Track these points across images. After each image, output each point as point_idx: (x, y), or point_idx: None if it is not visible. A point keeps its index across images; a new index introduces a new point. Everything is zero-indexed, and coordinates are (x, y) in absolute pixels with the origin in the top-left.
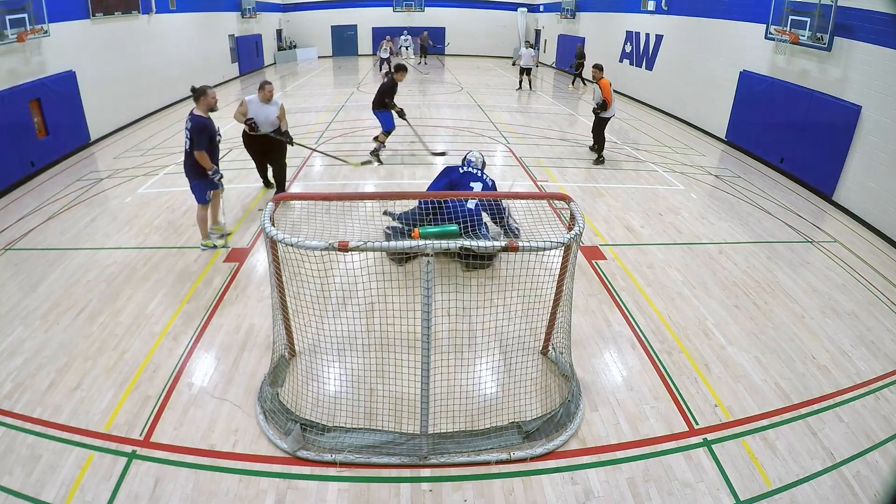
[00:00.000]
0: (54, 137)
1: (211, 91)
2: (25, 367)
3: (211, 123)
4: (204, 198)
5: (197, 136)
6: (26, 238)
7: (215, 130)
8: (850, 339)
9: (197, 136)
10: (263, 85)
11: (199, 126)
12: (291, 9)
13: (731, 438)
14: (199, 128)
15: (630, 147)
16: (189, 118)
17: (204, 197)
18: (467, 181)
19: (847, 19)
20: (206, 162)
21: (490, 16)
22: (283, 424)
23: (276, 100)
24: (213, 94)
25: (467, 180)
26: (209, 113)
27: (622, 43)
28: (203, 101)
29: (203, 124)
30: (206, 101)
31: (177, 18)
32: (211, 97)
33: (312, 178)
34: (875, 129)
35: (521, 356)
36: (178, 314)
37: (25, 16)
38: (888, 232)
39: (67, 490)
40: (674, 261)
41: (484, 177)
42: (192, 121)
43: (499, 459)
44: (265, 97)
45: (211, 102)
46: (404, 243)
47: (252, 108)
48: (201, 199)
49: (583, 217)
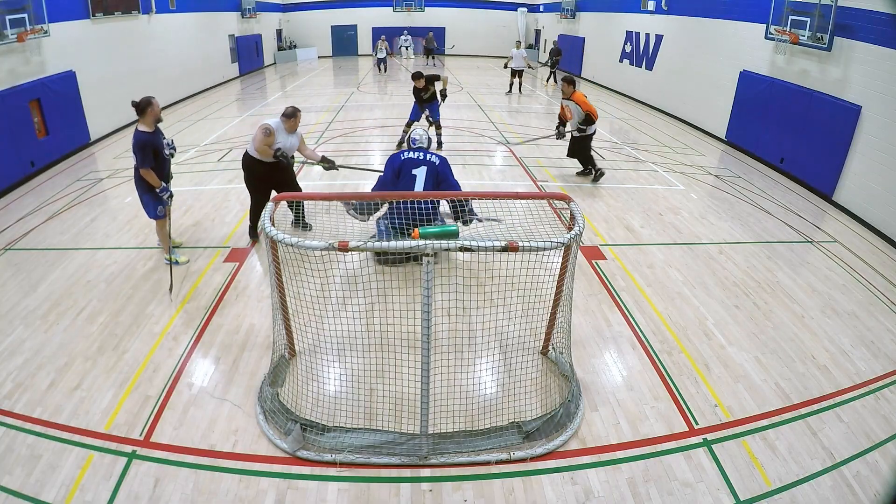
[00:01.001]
0: (54, 137)
1: (155, 101)
2: (25, 367)
3: (154, 138)
4: (155, 213)
5: (140, 154)
6: (26, 238)
7: (161, 144)
8: (850, 339)
9: (140, 153)
10: (295, 112)
11: (140, 142)
12: (291, 9)
13: (731, 438)
14: (142, 144)
15: (630, 147)
16: (134, 134)
17: (155, 213)
18: (409, 169)
19: (847, 19)
20: (153, 179)
21: (490, 16)
22: (283, 424)
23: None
24: (158, 105)
25: (409, 168)
26: (155, 126)
27: (622, 43)
28: (148, 114)
29: (145, 140)
30: (153, 113)
31: (177, 18)
32: (157, 108)
33: (313, 178)
34: (875, 129)
35: (521, 356)
36: (178, 314)
37: (25, 16)
38: (888, 232)
39: (67, 490)
40: (674, 261)
41: (427, 157)
42: (135, 137)
43: (499, 459)
44: (292, 127)
45: (156, 114)
46: (404, 243)
47: (279, 137)
48: (152, 215)
49: (583, 217)
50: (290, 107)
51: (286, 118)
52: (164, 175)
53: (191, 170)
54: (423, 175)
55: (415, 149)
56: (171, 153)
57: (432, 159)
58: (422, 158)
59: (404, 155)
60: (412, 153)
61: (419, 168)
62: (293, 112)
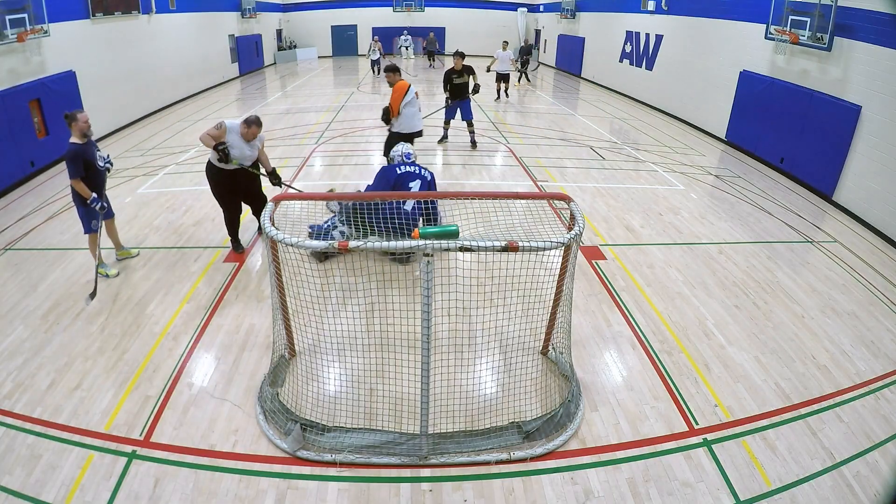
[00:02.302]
0: (54, 137)
1: (82, 115)
2: (25, 367)
3: (85, 149)
4: (89, 227)
5: (71, 165)
6: (26, 238)
7: (93, 156)
8: (850, 339)
9: (71, 164)
10: (256, 121)
11: (71, 154)
12: (291, 9)
13: (731, 438)
14: (72, 155)
15: (630, 147)
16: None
17: (89, 226)
18: (406, 182)
19: (847, 19)
20: (83, 190)
21: (490, 16)
22: (283, 424)
23: (256, 140)
24: (84, 118)
25: (406, 181)
26: (85, 138)
27: (622, 43)
28: (75, 127)
29: (75, 151)
30: (78, 125)
31: (177, 18)
32: (82, 121)
33: (313, 178)
34: (875, 129)
35: (521, 356)
36: (178, 314)
37: (25, 16)
38: (888, 232)
39: (67, 490)
40: (674, 261)
41: (421, 172)
42: (67, 148)
43: (499, 459)
44: (249, 135)
45: (83, 127)
46: (404, 243)
47: (231, 137)
48: (87, 229)
49: (583, 217)
50: (254, 115)
51: (245, 124)
52: (98, 188)
53: (191, 170)
54: (417, 189)
55: (409, 163)
56: (108, 168)
57: (425, 174)
58: (417, 173)
59: (400, 169)
60: (408, 167)
61: (415, 181)
62: (254, 121)
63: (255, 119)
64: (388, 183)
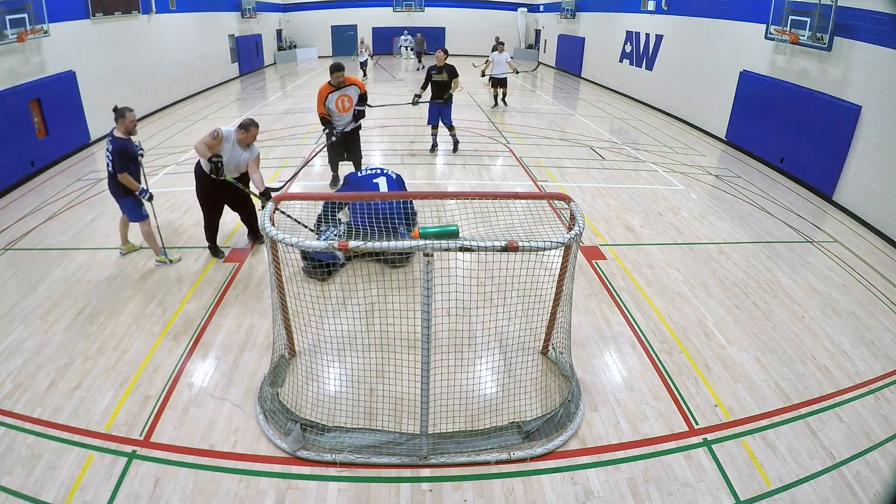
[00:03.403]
0: (54, 137)
1: (130, 113)
2: (25, 367)
3: (130, 144)
4: (140, 214)
5: (119, 160)
6: (26, 238)
7: (136, 151)
8: (850, 339)
9: (119, 159)
10: (249, 126)
11: (119, 149)
12: (291, 9)
13: (731, 438)
14: (121, 151)
15: (630, 147)
16: (109, 140)
17: (140, 213)
18: (368, 181)
19: (847, 19)
20: (131, 183)
21: (490, 16)
22: (283, 424)
23: (253, 147)
24: (132, 118)
25: (368, 180)
26: (129, 135)
27: (622, 43)
28: (121, 123)
29: (124, 147)
30: (125, 123)
31: (177, 18)
32: (129, 120)
33: (313, 178)
34: (875, 129)
35: (521, 356)
36: (178, 314)
37: (25, 16)
38: (888, 232)
39: (67, 490)
40: (674, 261)
41: (385, 171)
42: (113, 143)
43: (499, 459)
44: (245, 141)
45: (129, 126)
46: (404, 243)
47: (226, 146)
48: (136, 217)
49: (583, 217)
50: (248, 118)
51: (240, 129)
52: (139, 178)
53: (191, 170)
54: (384, 184)
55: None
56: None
57: (389, 173)
58: (379, 172)
59: (360, 173)
60: (368, 170)
61: (379, 178)
62: (249, 124)
63: (248, 123)
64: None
